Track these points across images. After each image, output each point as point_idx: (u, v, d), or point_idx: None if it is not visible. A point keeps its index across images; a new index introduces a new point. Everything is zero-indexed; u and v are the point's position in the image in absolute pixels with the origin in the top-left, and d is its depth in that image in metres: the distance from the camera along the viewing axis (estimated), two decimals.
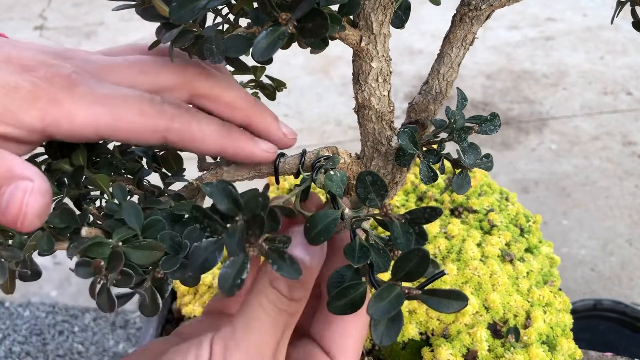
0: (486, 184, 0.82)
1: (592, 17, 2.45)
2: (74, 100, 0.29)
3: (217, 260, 0.30)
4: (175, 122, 0.31)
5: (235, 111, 0.35)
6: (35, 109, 0.29)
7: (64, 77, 0.30)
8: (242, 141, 0.34)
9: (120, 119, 0.30)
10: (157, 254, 0.31)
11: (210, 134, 0.33)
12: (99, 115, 0.30)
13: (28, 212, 0.26)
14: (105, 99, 0.30)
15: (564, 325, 0.63)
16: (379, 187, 0.30)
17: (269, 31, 0.27)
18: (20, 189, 0.26)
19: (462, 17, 0.38)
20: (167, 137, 0.32)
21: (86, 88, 0.30)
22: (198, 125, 0.32)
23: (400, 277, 0.27)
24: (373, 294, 0.27)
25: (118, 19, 2.65)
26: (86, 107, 0.29)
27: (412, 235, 0.28)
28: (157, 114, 0.31)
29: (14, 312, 1.35)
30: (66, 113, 0.29)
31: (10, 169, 0.27)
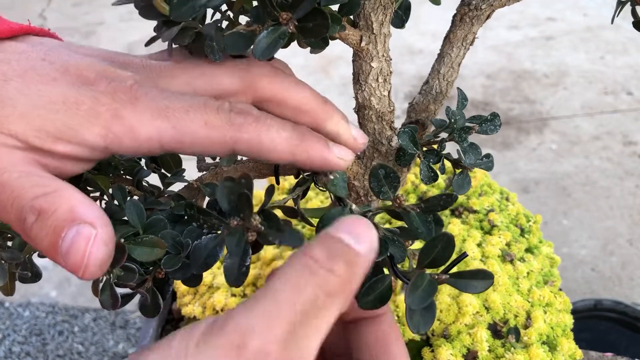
0: (486, 184, 0.82)
1: (593, 17, 2.45)
2: (137, 116, 0.28)
3: (219, 256, 0.30)
4: (243, 133, 0.29)
5: (302, 114, 0.32)
6: (98, 126, 0.27)
7: (125, 91, 0.28)
8: (316, 148, 0.31)
9: (184, 132, 0.28)
10: (159, 251, 0.31)
11: (281, 142, 0.30)
12: (162, 130, 0.28)
13: (90, 263, 0.25)
14: (168, 110, 0.28)
15: (564, 326, 0.63)
16: (391, 179, 0.30)
17: (269, 31, 0.27)
18: (83, 237, 0.25)
19: (463, 17, 0.38)
20: (235, 149, 0.29)
21: (148, 100, 0.28)
22: (268, 134, 0.29)
23: (426, 265, 0.27)
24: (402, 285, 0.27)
25: (118, 19, 2.65)
26: (149, 122, 0.28)
27: (431, 224, 0.28)
28: (224, 124, 0.29)
29: (14, 312, 1.35)
30: (129, 129, 0.28)
31: (73, 209, 0.25)
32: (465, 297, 0.62)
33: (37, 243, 0.26)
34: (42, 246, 0.25)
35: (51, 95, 0.27)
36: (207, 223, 0.30)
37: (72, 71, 0.28)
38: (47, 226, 0.25)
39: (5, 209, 0.26)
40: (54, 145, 0.27)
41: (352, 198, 0.44)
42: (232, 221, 0.29)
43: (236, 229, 0.29)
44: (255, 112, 0.30)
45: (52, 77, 0.28)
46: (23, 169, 0.26)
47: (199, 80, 0.31)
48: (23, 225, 0.26)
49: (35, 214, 0.25)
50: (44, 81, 0.27)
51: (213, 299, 0.68)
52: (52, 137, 0.27)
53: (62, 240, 0.25)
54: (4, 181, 0.26)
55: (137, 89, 0.28)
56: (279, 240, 0.26)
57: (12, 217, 0.26)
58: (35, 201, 0.25)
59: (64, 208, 0.25)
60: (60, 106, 0.27)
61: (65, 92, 0.27)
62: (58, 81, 0.28)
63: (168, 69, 0.31)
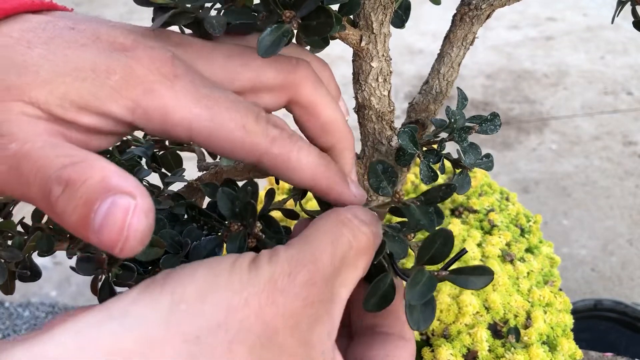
0: (486, 184, 0.82)
1: (593, 17, 2.45)
2: (174, 95, 0.25)
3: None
4: (275, 147, 0.28)
5: (325, 134, 0.31)
6: (128, 99, 0.25)
7: (164, 63, 0.26)
8: (336, 180, 0.30)
9: (220, 128, 0.26)
10: (158, 251, 0.31)
11: (307, 165, 0.29)
12: (197, 117, 0.26)
13: (130, 237, 0.22)
14: (208, 100, 0.26)
15: (564, 326, 0.63)
16: (389, 174, 0.30)
17: (273, 28, 0.27)
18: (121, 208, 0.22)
19: (463, 17, 0.38)
20: (261, 161, 0.28)
21: (189, 83, 0.26)
22: (297, 154, 0.28)
23: (425, 262, 0.28)
24: (407, 282, 0.28)
25: (118, 18, 2.65)
26: (185, 105, 0.26)
27: (432, 215, 0.28)
28: (260, 133, 0.27)
29: (14, 312, 1.35)
30: (161, 107, 0.25)
31: (106, 178, 0.22)
32: (465, 297, 0.62)
33: (65, 219, 0.23)
34: (70, 222, 0.22)
35: (79, 61, 0.25)
36: (207, 224, 0.30)
37: (104, 38, 0.26)
38: (77, 198, 0.22)
39: (28, 182, 0.23)
40: (78, 115, 0.25)
41: None
42: (233, 225, 0.29)
43: (237, 233, 0.29)
44: (289, 127, 0.29)
45: (82, 43, 0.25)
46: (47, 139, 0.24)
47: (239, 70, 0.29)
48: (48, 199, 0.23)
49: (62, 185, 0.22)
50: (72, 47, 0.25)
51: None
52: (77, 106, 0.25)
53: (95, 213, 0.22)
54: (26, 151, 0.23)
55: (177, 64, 0.26)
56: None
57: (35, 191, 0.23)
58: (63, 171, 0.22)
59: (95, 178, 0.22)
60: (89, 74, 0.25)
61: (96, 58, 0.25)
62: (88, 47, 0.25)
63: (207, 50, 0.29)
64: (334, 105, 0.31)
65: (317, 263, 0.24)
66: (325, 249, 0.25)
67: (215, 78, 0.28)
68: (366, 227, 0.27)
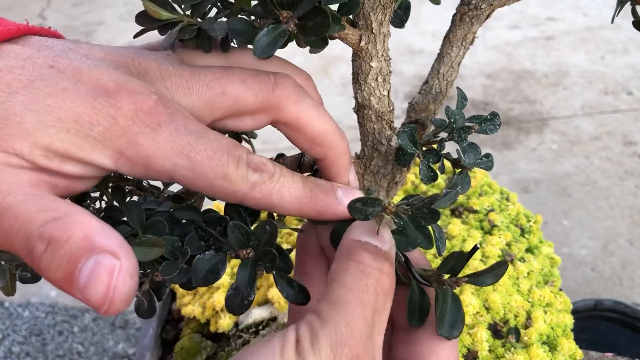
0: (486, 184, 0.82)
1: (593, 17, 2.45)
2: (157, 147, 0.26)
3: (221, 274, 0.30)
4: (255, 192, 0.28)
5: (316, 146, 0.32)
6: (111, 149, 0.25)
7: (147, 112, 0.26)
8: (325, 204, 0.31)
9: (200, 178, 0.27)
10: (157, 251, 0.31)
11: (290, 200, 0.30)
12: (178, 168, 0.26)
13: (116, 299, 0.22)
14: (190, 150, 0.26)
15: (564, 326, 0.63)
16: (370, 203, 0.29)
17: (270, 29, 0.27)
18: (105, 268, 0.22)
19: (462, 17, 0.37)
20: (244, 202, 0.29)
21: (171, 132, 0.26)
22: (279, 194, 0.29)
23: (445, 272, 0.30)
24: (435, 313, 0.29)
25: (117, 18, 2.65)
26: (167, 157, 0.26)
27: (425, 229, 0.29)
28: (241, 181, 0.28)
29: (14, 313, 1.35)
30: (144, 157, 0.26)
31: (89, 236, 0.22)
32: (465, 297, 0.62)
33: (49, 275, 0.22)
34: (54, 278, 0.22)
35: (61, 112, 0.25)
36: (215, 245, 0.30)
37: (86, 80, 0.26)
38: (60, 256, 0.22)
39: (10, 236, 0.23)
40: (62, 165, 0.25)
41: None
42: (242, 251, 0.29)
43: (247, 260, 0.29)
44: (270, 167, 0.29)
45: (63, 87, 0.25)
46: (29, 191, 0.24)
47: (219, 99, 0.29)
48: (31, 255, 0.23)
49: (44, 243, 0.22)
50: (54, 93, 0.25)
51: (213, 299, 0.68)
52: (61, 156, 0.25)
53: (79, 272, 0.22)
54: (7, 205, 0.23)
55: (161, 112, 0.26)
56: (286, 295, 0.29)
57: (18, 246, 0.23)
58: (45, 228, 0.22)
59: (78, 235, 0.22)
60: (72, 125, 0.25)
61: (78, 108, 0.25)
62: (69, 92, 0.25)
63: (185, 79, 0.29)
64: (320, 117, 0.31)
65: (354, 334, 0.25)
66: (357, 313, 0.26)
67: (195, 108, 0.29)
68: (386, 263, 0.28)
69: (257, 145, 0.51)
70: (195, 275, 0.30)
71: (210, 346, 0.67)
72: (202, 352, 0.67)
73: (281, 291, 0.30)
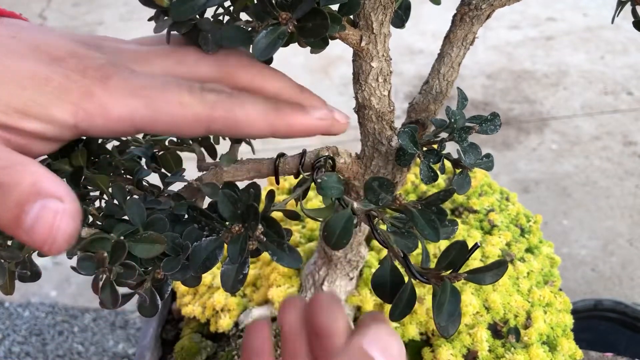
0: (486, 184, 0.82)
1: (593, 17, 2.45)
2: (109, 93, 0.27)
3: (218, 258, 0.30)
4: (217, 110, 0.29)
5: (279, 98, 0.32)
6: (68, 102, 0.27)
7: (96, 69, 0.28)
8: (293, 116, 0.31)
9: (159, 112, 0.28)
10: (158, 247, 0.31)
11: (256, 115, 0.30)
12: (136, 109, 0.27)
13: (58, 237, 0.24)
14: (142, 90, 0.28)
15: (564, 326, 0.63)
16: (386, 187, 0.30)
17: (269, 30, 0.27)
18: (50, 210, 0.24)
19: (463, 17, 0.37)
20: (210, 127, 0.29)
21: (120, 80, 0.28)
22: (242, 109, 0.29)
23: (443, 267, 0.30)
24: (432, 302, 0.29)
25: (117, 18, 2.65)
26: (122, 100, 0.27)
27: (435, 223, 0.29)
28: (198, 103, 0.28)
29: (14, 312, 1.35)
30: (100, 107, 0.27)
31: (36, 182, 0.24)
32: (465, 297, 0.62)
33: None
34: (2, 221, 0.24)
35: (19, 71, 0.26)
36: (208, 226, 0.30)
37: (43, 49, 0.28)
38: (10, 200, 0.24)
39: None
40: (21, 121, 0.26)
41: (352, 197, 0.44)
42: (234, 227, 0.29)
43: (238, 235, 0.29)
44: (228, 89, 0.30)
45: (22, 53, 0.27)
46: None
47: (176, 67, 0.31)
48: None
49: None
50: (13, 57, 0.27)
51: (213, 299, 0.68)
52: (19, 113, 0.26)
53: (27, 214, 0.24)
54: None
55: (109, 68, 0.28)
56: (277, 258, 0.28)
57: None
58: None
59: (27, 181, 0.24)
60: (28, 82, 0.26)
61: (34, 68, 0.27)
62: (27, 57, 0.27)
63: (143, 53, 0.31)
64: (275, 76, 0.32)
65: None
66: None
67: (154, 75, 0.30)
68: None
69: (257, 146, 0.51)
70: (194, 264, 0.30)
71: (211, 346, 0.68)
72: (202, 352, 0.67)
73: (271, 255, 0.29)
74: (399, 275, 0.32)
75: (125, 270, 0.30)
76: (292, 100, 0.32)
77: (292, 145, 1.86)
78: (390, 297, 0.31)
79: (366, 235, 0.58)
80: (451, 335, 0.31)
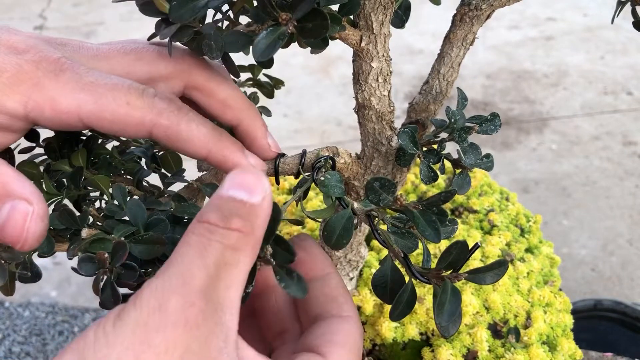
0: (486, 184, 0.82)
1: (593, 17, 2.45)
2: (59, 86, 0.28)
3: None
4: (163, 118, 0.29)
5: (227, 109, 0.34)
6: (18, 93, 0.28)
7: (51, 62, 0.28)
8: (232, 150, 0.32)
9: (104, 108, 0.28)
10: (159, 248, 0.31)
11: (198, 135, 0.30)
12: (82, 103, 0.28)
13: (29, 238, 0.26)
14: (92, 86, 0.29)
15: (564, 326, 0.63)
16: (387, 187, 0.30)
17: (269, 31, 0.27)
18: (20, 212, 0.26)
19: (463, 17, 0.38)
20: (153, 133, 0.30)
21: (73, 74, 0.29)
22: (187, 125, 0.30)
23: (444, 267, 0.30)
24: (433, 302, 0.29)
25: (118, 18, 2.65)
26: (70, 93, 0.28)
27: (436, 224, 0.29)
28: (146, 106, 0.29)
29: (14, 313, 1.35)
30: (49, 98, 0.28)
31: (5, 184, 0.26)
32: (465, 297, 0.62)
33: None
34: None
35: None
36: None
37: (3, 43, 0.29)
38: None
39: None
40: None
41: (352, 197, 0.44)
42: None
43: None
44: (180, 102, 0.31)
45: None
46: None
47: (135, 64, 0.32)
48: None
49: None
50: None
51: None
52: None
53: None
54: None
55: (64, 62, 0.29)
56: (284, 285, 0.27)
57: None
58: None
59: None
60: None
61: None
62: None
63: (104, 50, 0.32)
64: (228, 83, 0.34)
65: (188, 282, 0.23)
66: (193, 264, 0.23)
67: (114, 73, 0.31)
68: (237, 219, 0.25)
69: None
70: None
71: None
72: None
73: (279, 280, 0.28)
74: (400, 275, 0.32)
75: (125, 271, 0.30)
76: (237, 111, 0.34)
77: (292, 145, 1.86)
78: (390, 297, 0.31)
79: (366, 235, 0.58)
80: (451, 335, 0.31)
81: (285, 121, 1.90)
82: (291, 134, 1.85)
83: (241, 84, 0.48)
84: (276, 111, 0.34)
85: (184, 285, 0.23)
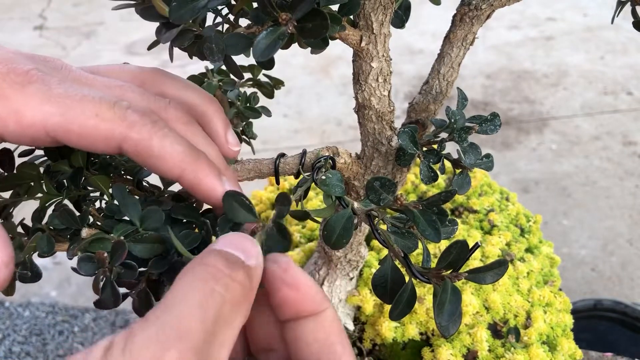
0: (486, 184, 0.82)
1: (593, 17, 2.45)
2: (24, 98, 0.26)
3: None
4: (134, 131, 0.27)
5: (191, 110, 0.33)
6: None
7: (19, 73, 0.27)
8: (207, 174, 0.29)
9: (72, 120, 0.27)
10: (158, 247, 0.31)
11: (172, 153, 0.28)
12: (49, 115, 0.27)
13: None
14: (60, 97, 0.27)
15: (564, 326, 0.63)
16: (387, 187, 0.30)
17: (269, 31, 0.27)
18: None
19: (463, 17, 0.38)
20: (122, 148, 0.28)
21: (42, 85, 0.27)
22: (160, 140, 0.28)
23: (444, 266, 0.30)
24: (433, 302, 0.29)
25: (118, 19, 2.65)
26: (37, 106, 0.27)
27: (436, 223, 0.29)
28: (116, 118, 0.27)
29: (14, 312, 1.35)
30: (14, 111, 0.26)
31: None
32: (465, 297, 0.62)
33: None
34: None
35: None
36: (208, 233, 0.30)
37: None
38: None
39: None
40: None
41: (352, 197, 0.44)
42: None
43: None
44: (156, 117, 0.29)
45: None
46: None
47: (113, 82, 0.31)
48: None
49: None
50: None
51: None
52: None
53: None
54: None
55: (34, 74, 0.27)
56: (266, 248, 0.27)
57: None
58: None
59: None
60: None
61: None
62: None
63: (89, 79, 0.30)
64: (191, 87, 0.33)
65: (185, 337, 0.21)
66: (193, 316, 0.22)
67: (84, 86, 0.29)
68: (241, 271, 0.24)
69: (257, 146, 0.51)
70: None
71: None
72: None
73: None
74: (400, 275, 0.32)
75: (125, 271, 0.30)
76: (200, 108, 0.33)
77: (292, 145, 1.86)
78: (390, 296, 0.31)
79: (366, 235, 0.58)
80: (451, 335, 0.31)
81: (285, 121, 1.90)
82: (291, 134, 1.85)
83: (241, 84, 0.48)
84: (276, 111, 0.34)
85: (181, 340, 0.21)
